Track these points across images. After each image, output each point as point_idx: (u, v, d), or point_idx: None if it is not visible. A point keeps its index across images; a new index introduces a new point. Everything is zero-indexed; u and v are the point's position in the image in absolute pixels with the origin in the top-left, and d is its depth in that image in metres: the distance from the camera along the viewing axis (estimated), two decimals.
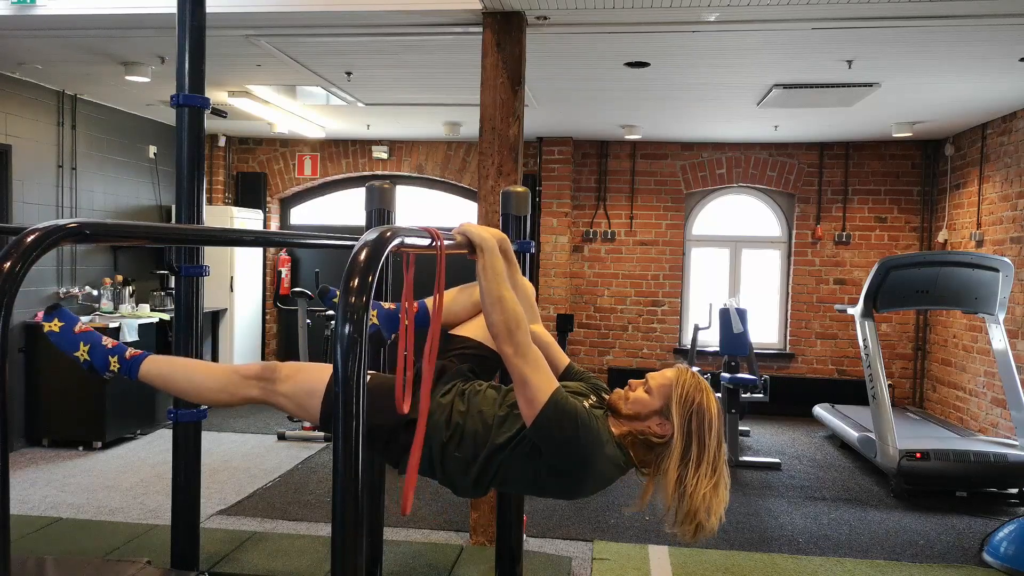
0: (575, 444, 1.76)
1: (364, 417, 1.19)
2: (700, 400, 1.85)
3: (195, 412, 3.25)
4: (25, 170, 6.09)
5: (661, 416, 1.86)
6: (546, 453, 1.78)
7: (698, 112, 6.73)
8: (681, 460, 1.82)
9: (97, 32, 4.71)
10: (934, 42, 4.52)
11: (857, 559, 4.32)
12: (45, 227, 1.28)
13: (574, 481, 1.85)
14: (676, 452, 1.83)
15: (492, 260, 1.77)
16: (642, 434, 1.87)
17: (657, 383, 1.89)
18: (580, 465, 1.80)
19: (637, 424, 1.88)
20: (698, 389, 1.87)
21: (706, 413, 1.84)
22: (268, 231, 8.48)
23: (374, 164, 8.65)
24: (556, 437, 1.75)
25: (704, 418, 1.84)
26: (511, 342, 1.73)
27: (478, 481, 1.90)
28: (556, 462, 1.79)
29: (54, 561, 3.34)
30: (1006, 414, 6.02)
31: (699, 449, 1.82)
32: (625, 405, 1.90)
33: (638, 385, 1.93)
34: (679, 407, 1.84)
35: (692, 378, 1.89)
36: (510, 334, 1.73)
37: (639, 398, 1.89)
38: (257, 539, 4.14)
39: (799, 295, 8.31)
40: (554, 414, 1.74)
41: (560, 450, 1.77)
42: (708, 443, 1.83)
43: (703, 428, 1.83)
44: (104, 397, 6.06)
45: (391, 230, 1.37)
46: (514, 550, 3.07)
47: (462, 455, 1.89)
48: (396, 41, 4.72)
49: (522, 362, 1.74)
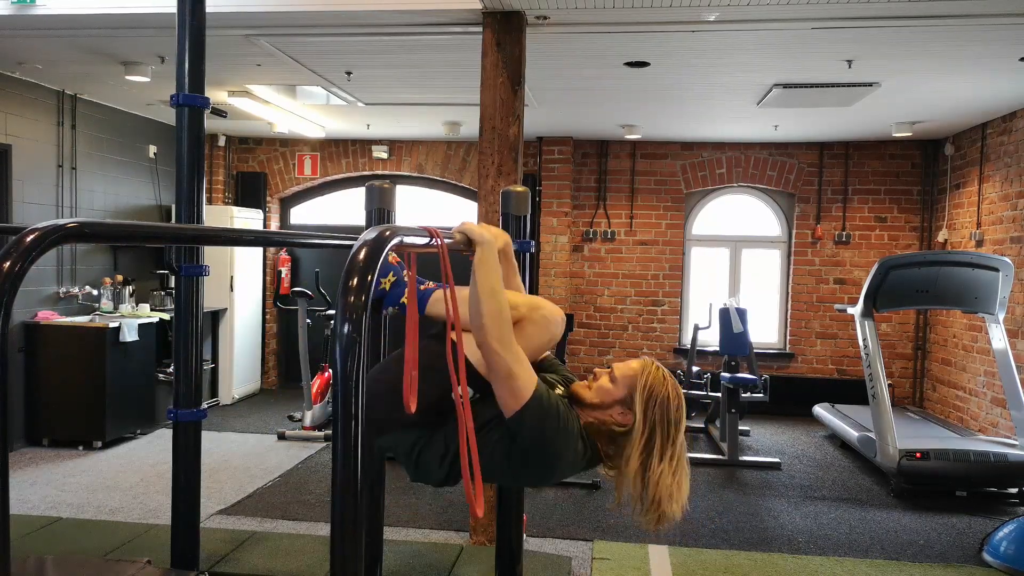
0: (551, 437, 1.80)
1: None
2: (663, 391, 1.87)
3: (195, 412, 3.25)
4: (25, 170, 6.09)
5: (623, 406, 1.89)
6: (520, 442, 1.81)
7: (698, 112, 6.73)
8: (644, 449, 1.85)
9: (97, 32, 4.71)
10: (934, 42, 4.52)
11: (857, 559, 4.32)
12: (45, 227, 1.28)
13: (542, 470, 1.89)
14: (639, 442, 1.85)
15: (488, 254, 1.78)
16: (604, 424, 1.89)
17: (621, 372, 1.91)
18: (552, 456, 1.83)
19: (599, 413, 1.90)
20: (662, 380, 1.89)
21: (669, 403, 1.87)
22: (268, 231, 8.48)
23: (374, 164, 8.65)
24: (535, 429, 1.78)
25: (667, 408, 1.86)
26: (498, 335, 1.75)
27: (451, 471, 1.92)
28: (528, 452, 1.82)
29: (54, 561, 3.33)
30: (1006, 414, 6.02)
31: (662, 439, 1.85)
32: (588, 393, 1.93)
33: (603, 373, 1.95)
34: (642, 396, 1.86)
35: (656, 370, 1.91)
36: (499, 327, 1.75)
37: (603, 386, 1.91)
38: (257, 539, 4.14)
39: (799, 295, 8.31)
40: (537, 408, 1.77)
41: (535, 441, 1.80)
42: (670, 432, 1.86)
43: (666, 418, 1.86)
44: (104, 397, 6.07)
45: (390, 229, 1.37)
46: (514, 550, 3.07)
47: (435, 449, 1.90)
48: (396, 41, 4.72)
49: (509, 355, 1.75)
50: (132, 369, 6.38)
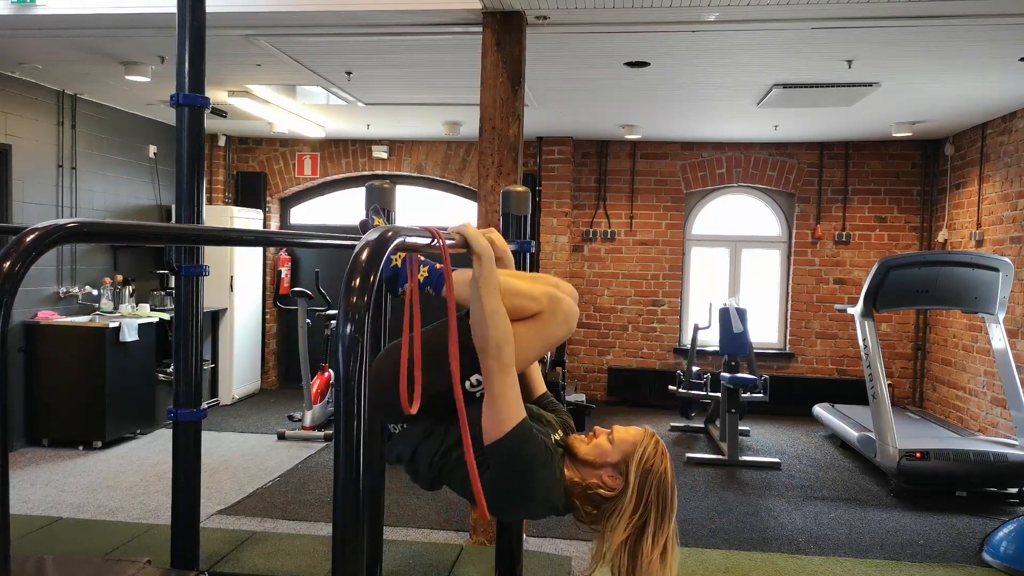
0: (526, 476, 1.75)
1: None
2: (661, 467, 1.83)
3: (195, 412, 3.25)
4: (25, 170, 6.09)
5: (615, 470, 1.84)
6: (494, 471, 1.76)
7: (698, 112, 6.73)
8: (634, 524, 1.79)
9: (97, 32, 4.71)
10: (934, 42, 4.52)
11: (857, 559, 4.32)
12: (45, 227, 1.28)
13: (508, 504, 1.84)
14: (628, 513, 1.80)
15: (489, 271, 1.74)
16: (590, 488, 1.84)
17: (620, 437, 1.87)
18: (520, 494, 1.79)
19: (589, 472, 1.85)
20: (660, 456, 1.84)
21: (665, 482, 1.82)
22: (268, 231, 8.48)
23: (374, 164, 8.65)
24: (510, 463, 1.74)
25: (663, 487, 1.82)
26: (498, 358, 1.71)
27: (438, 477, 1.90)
28: (499, 482, 1.77)
29: (54, 561, 3.33)
30: (1006, 414, 6.02)
31: (656, 520, 1.80)
32: (584, 447, 1.88)
33: (602, 433, 1.91)
34: (637, 467, 1.81)
35: (656, 443, 1.86)
36: (499, 350, 1.71)
37: (600, 445, 1.87)
38: (257, 539, 4.14)
39: (799, 295, 8.31)
40: (516, 442, 1.73)
41: (507, 475, 1.75)
42: (666, 512, 1.81)
43: (661, 497, 1.81)
44: (104, 397, 6.07)
45: (392, 230, 1.37)
46: (514, 550, 3.07)
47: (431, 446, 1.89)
48: (396, 41, 4.72)
49: (503, 380, 1.72)
50: (132, 369, 6.38)
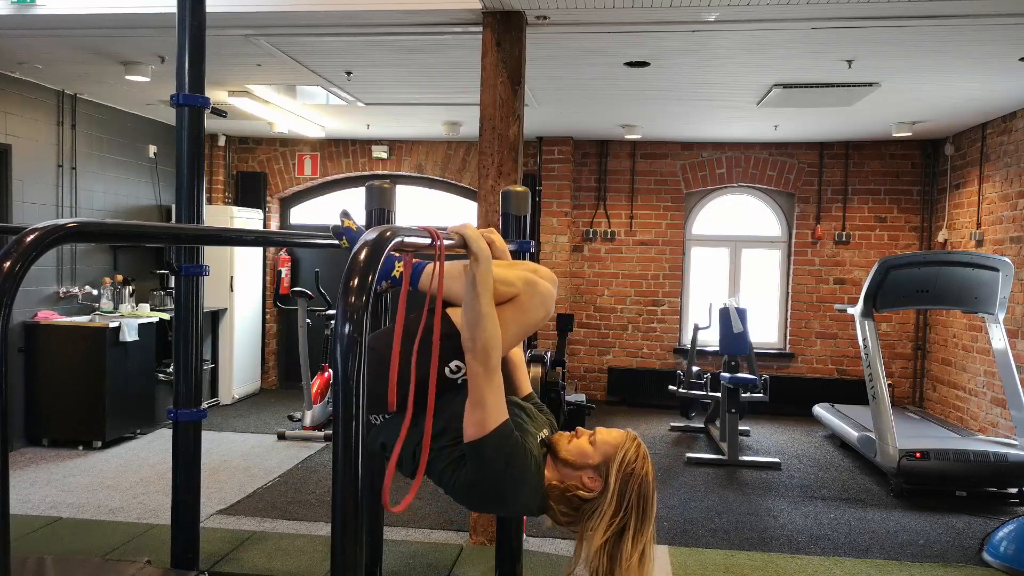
0: (502, 478, 1.75)
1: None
2: (642, 471, 1.82)
3: (195, 412, 3.25)
4: (25, 170, 6.09)
5: (596, 472, 1.84)
6: (471, 470, 1.77)
7: (698, 112, 6.73)
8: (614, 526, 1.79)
9: (97, 32, 4.71)
10: (934, 42, 4.52)
11: (856, 559, 4.32)
12: (45, 227, 1.28)
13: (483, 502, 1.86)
14: (607, 515, 1.80)
15: (485, 274, 1.74)
16: (569, 490, 1.84)
17: (602, 439, 1.87)
18: (495, 494, 1.79)
19: (569, 473, 1.85)
20: (642, 460, 1.84)
21: (646, 486, 1.82)
22: (268, 231, 8.48)
23: (374, 164, 8.65)
24: (488, 464, 1.74)
25: (644, 490, 1.82)
26: (484, 362, 1.71)
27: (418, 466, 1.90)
28: (476, 481, 1.78)
29: (54, 561, 3.33)
30: (1006, 414, 6.02)
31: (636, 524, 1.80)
32: (566, 446, 1.88)
33: (584, 434, 1.91)
34: (618, 470, 1.81)
35: (638, 447, 1.86)
36: (486, 354, 1.71)
37: (581, 446, 1.86)
38: (257, 539, 4.14)
39: (799, 295, 8.31)
40: (496, 445, 1.73)
41: (485, 476, 1.76)
42: (646, 515, 1.81)
43: (642, 501, 1.81)
44: (104, 397, 6.07)
45: (391, 229, 1.37)
46: (514, 550, 3.07)
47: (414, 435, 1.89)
48: (396, 41, 4.72)
49: (487, 383, 1.72)
50: (132, 369, 6.38)
